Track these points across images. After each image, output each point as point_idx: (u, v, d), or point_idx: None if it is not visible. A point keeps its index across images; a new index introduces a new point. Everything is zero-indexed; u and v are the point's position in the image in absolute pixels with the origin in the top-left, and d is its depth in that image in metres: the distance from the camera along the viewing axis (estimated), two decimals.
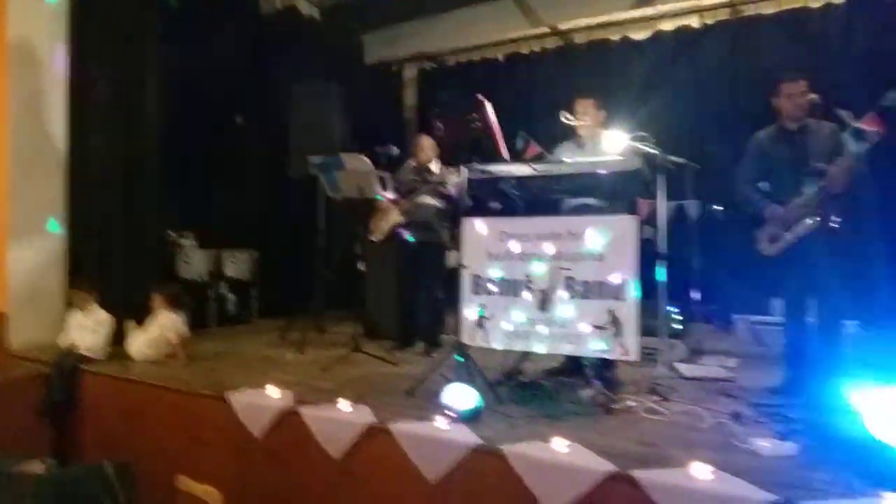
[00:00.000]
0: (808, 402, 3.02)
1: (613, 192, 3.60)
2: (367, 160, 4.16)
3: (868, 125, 5.54)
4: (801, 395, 3.22)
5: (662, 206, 3.53)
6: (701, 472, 2.17)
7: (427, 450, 2.64)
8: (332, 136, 5.11)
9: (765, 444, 2.44)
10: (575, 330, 3.23)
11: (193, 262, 5.76)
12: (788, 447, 2.45)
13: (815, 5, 6.06)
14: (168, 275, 5.51)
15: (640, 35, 6.86)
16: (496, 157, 3.54)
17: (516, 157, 6.69)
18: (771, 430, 2.69)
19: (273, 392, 3.25)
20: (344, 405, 3.02)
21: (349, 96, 5.56)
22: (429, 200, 4.53)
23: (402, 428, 2.75)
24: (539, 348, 3.36)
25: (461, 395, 2.92)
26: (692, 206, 5.78)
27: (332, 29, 7.14)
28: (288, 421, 3.07)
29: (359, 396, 3.21)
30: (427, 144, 4.61)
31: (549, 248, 3.33)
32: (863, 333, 4.93)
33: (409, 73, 8.20)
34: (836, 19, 5.97)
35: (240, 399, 3.26)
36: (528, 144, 7.04)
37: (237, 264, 6.10)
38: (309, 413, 3.01)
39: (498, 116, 7.72)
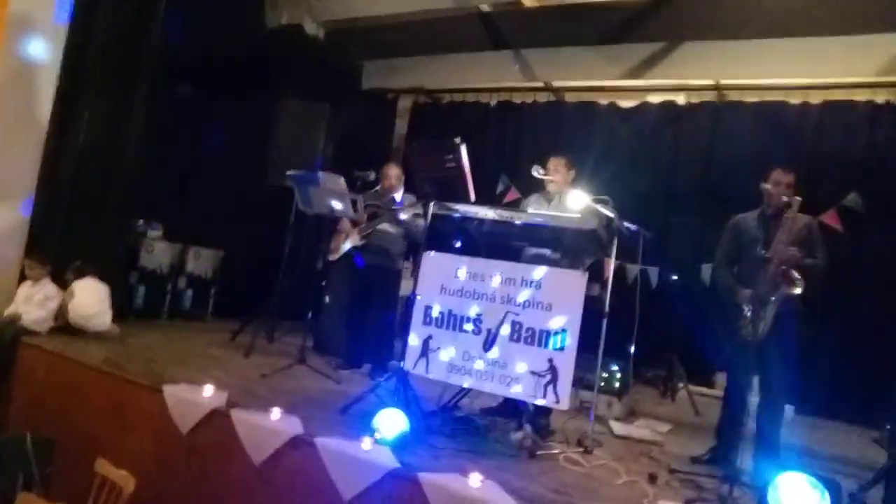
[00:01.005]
0: (725, 474, 3.09)
1: (570, 248, 3.74)
2: (342, 181, 4.25)
3: (829, 220, 5.85)
4: (721, 467, 3.31)
5: (611, 267, 3.66)
6: None
7: (346, 467, 2.68)
8: (315, 152, 5.23)
9: None
10: (513, 373, 3.33)
11: (156, 252, 5.78)
12: None
13: (794, 101, 6.39)
14: (129, 262, 5.52)
15: (627, 103, 7.14)
16: (464, 198, 3.64)
17: (496, 199, 6.93)
18: (680, 495, 2.78)
19: (208, 391, 3.26)
20: (275, 413, 3.05)
21: (339, 117, 5.70)
22: (388, 228, 4.63)
23: (326, 443, 2.78)
24: (476, 385, 3.44)
25: (391, 420, 2.97)
26: (652, 273, 5.99)
27: (333, 51, 7.32)
28: (216, 421, 3.09)
29: (293, 407, 3.25)
30: (393, 173, 4.74)
31: (501, 290, 3.44)
32: (798, 418, 5.10)
33: (404, 103, 8.39)
34: (810, 118, 6.30)
35: (173, 393, 3.27)
36: (508, 189, 7.28)
37: (200, 261, 6.12)
38: (238, 416, 3.03)
39: (483, 159, 7.96)
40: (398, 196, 4.71)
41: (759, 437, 3.48)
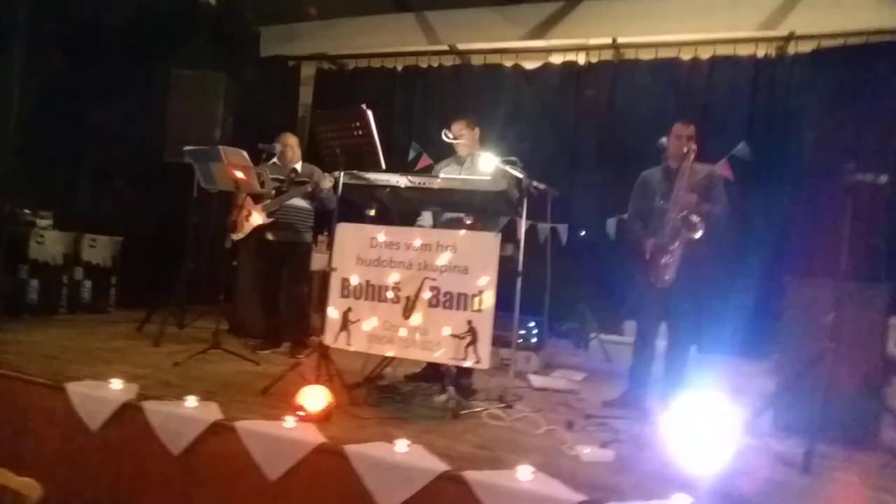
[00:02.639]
0: (637, 414, 3.30)
1: (483, 210, 3.79)
2: (246, 155, 4.08)
3: (721, 170, 6.23)
4: (633, 408, 3.53)
5: (523, 227, 3.75)
6: (524, 473, 2.34)
7: (270, 448, 2.64)
8: (214, 125, 4.98)
9: (586, 451, 2.68)
10: (434, 337, 3.36)
11: (47, 242, 5.36)
12: (607, 454, 2.69)
13: (685, 57, 6.69)
14: (17, 254, 5.10)
15: (530, 65, 7.23)
16: (374, 166, 3.60)
17: (408, 167, 6.89)
18: (596, 438, 2.95)
19: (116, 384, 3.11)
20: (191, 401, 2.95)
21: (238, 87, 5.43)
22: (296, 202, 4.51)
23: (247, 426, 2.72)
24: (399, 353, 3.47)
25: (315, 396, 2.94)
26: (562, 230, 6.20)
27: (227, 16, 6.93)
28: (128, 415, 2.94)
29: (210, 393, 3.17)
30: (293, 143, 4.60)
31: (417, 257, 3.45)
32: (700, 356, 5.49)
33: (307, 71, 8.11)
34: (700, 72, 6.62)
35: (78, 390, 3.08)
36: (420, 156, 7.25)
37: (97, 249, 5.74)
38: (151, 408, 2.91)
39: (393, 127, 7.85)
40: (298, 166, 4.58)
41: (666, 377, 3.73)
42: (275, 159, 4.64)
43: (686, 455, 2.56)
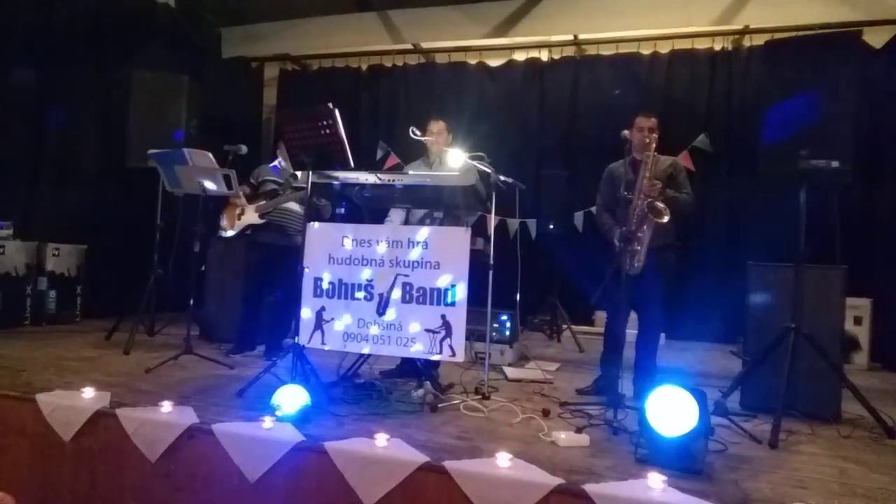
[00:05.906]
0: (609, 400, 3.37)
1: (452, 206, 3.83)
2: (211, 157, 4.05)
3: (683, 161, 6.38)
4: (605, 395, 3.61)
5: (492, 221, 3.81)
6: (502, 460, 2.38)
7: (248, 449, 2.63)
8: (176, 127, 4.92)
9: (562, 436, 2.73)
10: (408, 333, 3.40)
11: (8, 253, 5.21)
12: (582, 439, 2.76)
13: (645, 52, 6.84)
14: None
15: (495, 62, 7.31)
16: (343, 165, 3.60)
17: (376, 166, 6.89)
18: (571, 424, 3.01)
19: (88, 393, 3.06)
20: (166, 406, 2.93)
21: (200, 89, 5.37)
22: (292, 206, 4.49)
23: (225, 428, 2.71)
24: (373, 350, 3.49)
25: (291, 396, 2.94)
26: (531, 225, 6.27)
27: (187, 18, 6.84)
28: (102, 423, 2.90)
29: (184, 398, 3.14)
30: None
31: (388, 254, 3.48)
32: (669, 343, 5.63)
33: (271, 72, 8.06)
34: (660, 66, 6.78)
35: (49, 400, 3.02)
36: (388, 155, 7.25)
37: (61, 258, 5.61)
38: (125, 415, 2.87)
39: (360, 126, 7.84)
40: (299, 172, 4.56)
41: (637, 364, 3.82)
42: (280, 160, 4.61)
43: (659, 436, 2.63)
